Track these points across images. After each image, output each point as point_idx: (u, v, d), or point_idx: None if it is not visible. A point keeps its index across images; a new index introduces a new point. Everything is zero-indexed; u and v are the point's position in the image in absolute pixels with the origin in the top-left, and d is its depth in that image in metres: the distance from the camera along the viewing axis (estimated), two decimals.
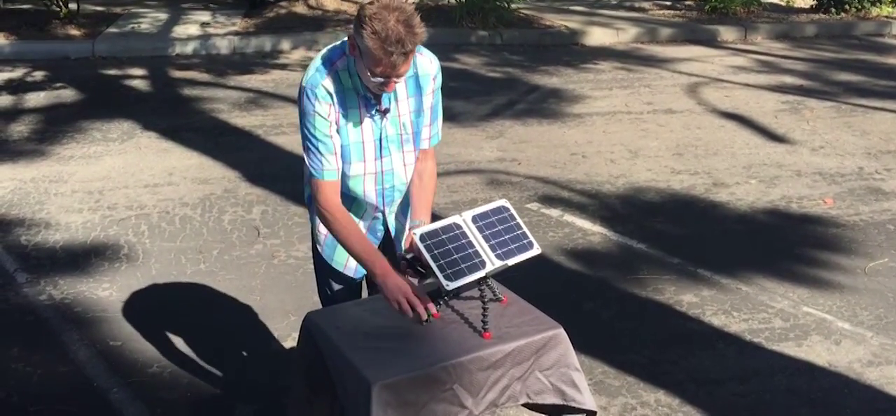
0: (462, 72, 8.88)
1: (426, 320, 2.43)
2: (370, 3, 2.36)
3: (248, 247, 4.78)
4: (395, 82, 2.42)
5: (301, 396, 2.56)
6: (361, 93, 2.51)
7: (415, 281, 2.50)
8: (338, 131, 2.53)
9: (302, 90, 2.50)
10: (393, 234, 2.79)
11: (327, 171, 2.53)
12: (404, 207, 2.78)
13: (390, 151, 2.61)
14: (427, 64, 2.61)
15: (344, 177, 2.60)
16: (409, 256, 2.55)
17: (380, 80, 2.38)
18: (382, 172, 2.63)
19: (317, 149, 2.51)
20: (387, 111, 2.56)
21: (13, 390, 3.49)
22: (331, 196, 2.56)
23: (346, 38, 2.52)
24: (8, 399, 3.43)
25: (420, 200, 2.70)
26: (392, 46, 2.30)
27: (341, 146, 2.55)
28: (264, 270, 4.52)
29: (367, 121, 2.55)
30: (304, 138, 2.54)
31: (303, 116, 2.51)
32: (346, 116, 2.52)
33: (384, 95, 2.52)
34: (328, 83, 2.47)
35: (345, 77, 2.49)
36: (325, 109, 2.48)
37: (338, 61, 2.49)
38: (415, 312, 2.41)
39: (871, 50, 10.44)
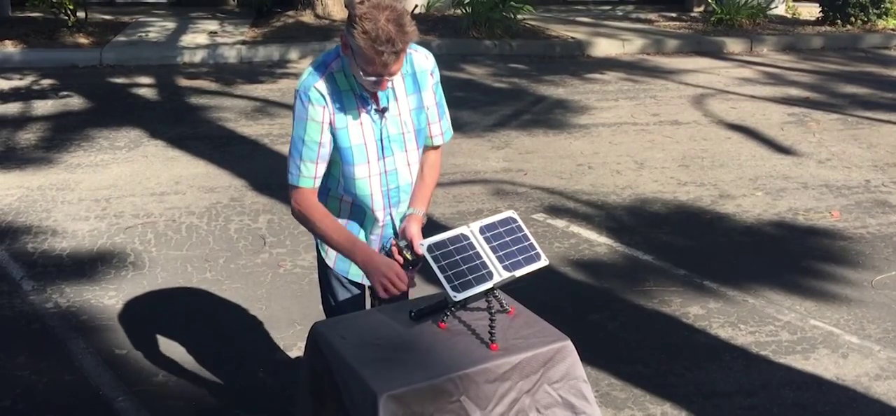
0: (468, 82, 8.89)
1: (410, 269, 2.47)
2: (361, 3, 2.34)
3: (254, 256, 4.78)
4: (388, 81, 2.42)
5: (307, 406, 2.56)
6: (358, 93, 2.51)
7: (401, 262, 2.55)
8: (335, 135, 2.52)
9: (296, 94, 2.51)
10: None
11: (303, 178, 2.54)
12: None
13: (393, 150, 2.60)
14: (422, 60, 2.61)
15: (350, 180, 2.59)
16: (402, 243, 2.56)
17: (373, 79, 2.39)
18: (386, 172, 2.61)
19: (299, 154, 2.52)
20: (385, 110, 2.55)
21: (19, 398, 3.50)
22: (303, 201, 2.56)
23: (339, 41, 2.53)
24: (14, 407, 3.44)
25: (418, 188, 2.70)
26: (382, 46, 2.30)
27: (343, 149, 2.54)
28: (270, 279, 4.53)
29: (367, 122, 2.54)
30: (291, 142, 2.54)
31: (294, 119, 2.52)
32: (344, 118, 2.51)
33: (382, 94, 2.52)
34: (321, 85, 2.47)
35: (340, 79, 2.49)
36: (319, 112, 2.47)
37: (332, 63, 2.49)
38: (394, 286, 2.46)
39: (878, 62, 10.43)
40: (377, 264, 2.49)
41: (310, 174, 2.53)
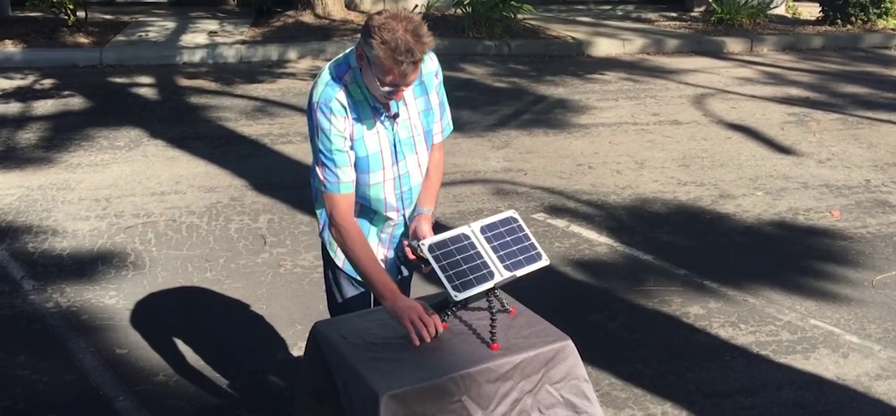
0: (468, 82, 8.89)
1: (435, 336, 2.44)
2: (378, 14, 2.38)
3: (255, 256, 4.78)
4: (404, 91, 2.44)
5: (307, 406, 2.56)
6: (371, 103, 2.53)
7: (413, 259, 2.55)
8: (353, 145, 2.53)
9: (314, 106, 2.49)
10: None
11: (343, 184, 2.53)
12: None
13: (405, 154, 2.63)
14: (428, 62, 2.62)
15: (364, 187, 2.61)
16: (415, 243, 2.57)
17: (389, 89, 2.40)
18: (400, 176, 2.65)
19: (333, 162, 2.51)
20: (397, 116, 2.58)
21: (19, 397, 3.50)
22: (346, 211, 2.56)
23: (348, 51, 2.54)
24: (14, 407, 3.44)
25: (425, 188, 2.73)
26: (401, 56, 2.32)
27: (359, 158, 2.56)
28: (270, 278, 4.53)
29: (381, 130, 2.57)
30: (319, 153, 2.53)
31: (317, 131, 2.50)
32: (361, 128, 2.53)
33: (393, 101, 2.54)
34: (342, 96, 2.48)
35: (354, 90, 2.50)
36: (341, 123, 2.48)
37: (345, 75, 2.50)
38: (426, 330, 2.42)
39: (878, 62, 10.43)
40: (405, 304, 2.45)
41: (348, 179, 2.54)
